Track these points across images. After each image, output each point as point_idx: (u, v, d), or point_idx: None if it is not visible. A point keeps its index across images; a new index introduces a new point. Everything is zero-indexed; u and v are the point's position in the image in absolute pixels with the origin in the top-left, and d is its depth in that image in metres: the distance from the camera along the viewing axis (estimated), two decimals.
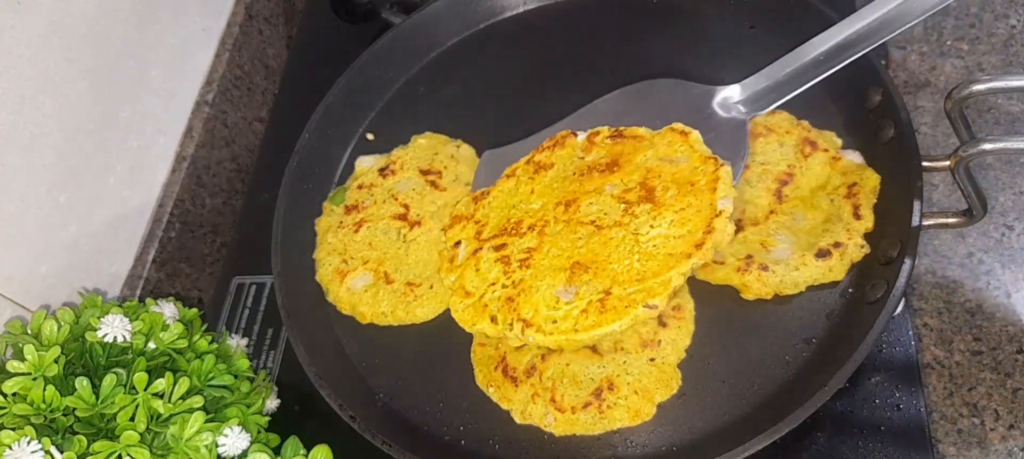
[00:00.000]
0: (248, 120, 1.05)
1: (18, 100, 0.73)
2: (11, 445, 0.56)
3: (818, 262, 0.70)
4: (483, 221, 0.78)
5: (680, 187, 0.71)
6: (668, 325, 0.71)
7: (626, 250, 0.69)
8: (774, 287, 0.70)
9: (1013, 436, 0.67)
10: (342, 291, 0.81)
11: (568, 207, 0.74)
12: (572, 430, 0.69)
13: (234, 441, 0.62)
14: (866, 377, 0.70)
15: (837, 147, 0.76)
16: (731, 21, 0.89)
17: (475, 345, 0.75)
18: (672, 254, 0.67)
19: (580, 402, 0.69)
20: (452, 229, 0.80)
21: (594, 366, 0.70)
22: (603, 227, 0.72)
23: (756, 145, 0.77)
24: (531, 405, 0.70)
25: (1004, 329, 0.72)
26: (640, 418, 0.68)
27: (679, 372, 0.69)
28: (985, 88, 0.65)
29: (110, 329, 0.65)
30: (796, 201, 0.74)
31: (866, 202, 0.72)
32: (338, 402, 0.71)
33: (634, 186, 0.73)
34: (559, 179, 0.78)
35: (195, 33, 0.99)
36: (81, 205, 0.81)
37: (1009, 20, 0.89)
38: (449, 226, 0.80)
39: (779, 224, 0.73)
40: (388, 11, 1.02)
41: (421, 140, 0.90)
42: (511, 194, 0.79)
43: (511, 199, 0.79)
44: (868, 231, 0.71)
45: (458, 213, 0.81)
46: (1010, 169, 0.80)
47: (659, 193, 0.71)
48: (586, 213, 0.73)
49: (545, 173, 0.79)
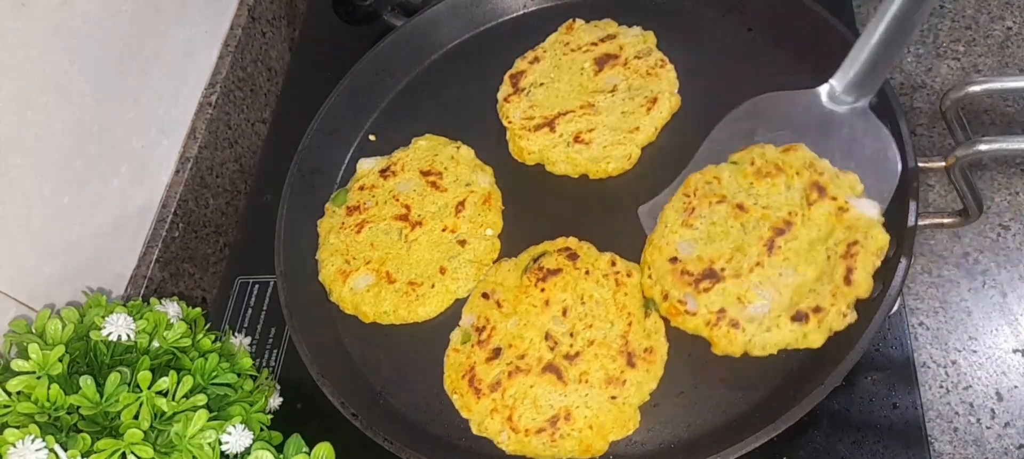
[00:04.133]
0: (251, 121, 1.06)
1: (22, 102, 0.73)
2: (16, 443, 0.56)
3: (793, 326, 0.65)
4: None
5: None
6: (636, 366, 0.70)
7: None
8: (742, 346, 0.66)
9: (1008, 434, 0.68)
10: (345, 291, 0.81)
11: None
12: (523, 451, 0.69)
13: (237, 439, 0.62)
14: (862, 376, 0.70)
15: (855, 193, 0.69)
16: (730, 23, 0.89)
17: (450, 349, 0.76)
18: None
19: (535, 426, 0.69)
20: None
21: (556, 393, 0.70)
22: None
23: (762, 186, 0.73)
24: (489, 419, 0.71)
25: (999, 329, 0.72)
26: (590, 453, 0.68)
27: (639, 414, 0.69)
28: (981, 89, 0.65)
29: (114, 328, 0.65)
30: (789, 253, 0.68)
31: (863, 265, 0.65)
32: (340, 400, 0.72)
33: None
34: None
35: (198, 35, 0.99)
36: (85, 206, 0.81)
37: (1005, 22, 0.90)
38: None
39: (763, 277, 0.68)
40: (389, 13, 1.03)
41: (421, 142, 0.91)
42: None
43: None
44: (860, 299, 0.65)
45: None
46: (1005, 170, 0.80)
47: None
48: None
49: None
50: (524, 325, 0.74)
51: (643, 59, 0.88)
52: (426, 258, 0.82)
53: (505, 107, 0.89)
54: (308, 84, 1.09)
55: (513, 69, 0.92)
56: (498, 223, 0.84)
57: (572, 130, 0.85)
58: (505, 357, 0.73)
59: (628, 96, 0.86)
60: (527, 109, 0.88)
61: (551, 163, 0.85)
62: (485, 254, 0.81)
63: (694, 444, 0.67)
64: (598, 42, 0.91)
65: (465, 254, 0.81)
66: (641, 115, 0.84)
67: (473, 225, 0.83)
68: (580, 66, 0.89)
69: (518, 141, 0.86)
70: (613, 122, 0.84)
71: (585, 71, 0.89)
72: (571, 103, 0.87)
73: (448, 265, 0.81)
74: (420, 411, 0.74)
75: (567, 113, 0.86)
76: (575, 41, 0.92)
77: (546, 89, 0.89)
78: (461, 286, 0.80)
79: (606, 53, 0.89)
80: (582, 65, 0.89)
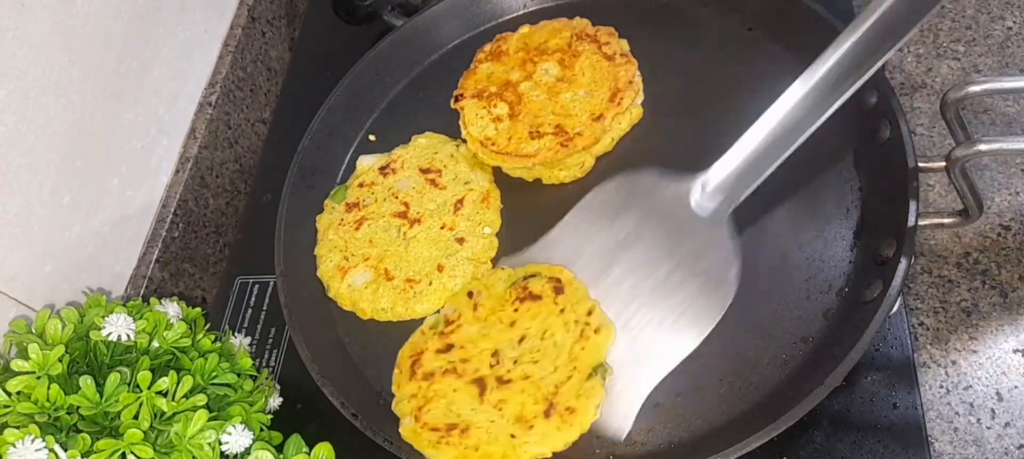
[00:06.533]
0: (251, 121, 1.06)
1: (22, 101, 0.73)
2: (15, 443, 0.56)
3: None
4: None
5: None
6: (551, 418, 0.68)
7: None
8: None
9: (1009, 434, 0.68)
10: (343, 287, 0.82)
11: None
12: (411, 440, 0.69)
13: (237, 439, 0.62)
14: (863, 376, 0.70)
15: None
16: (730, 23, 0.89)
17: (420, 329, 0.77)
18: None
19: (433, 424, 0.69)
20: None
21: (469, 406, 0.70)
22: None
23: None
24: (406, 402, 0.72)
25: (1000, 328, 0.72)
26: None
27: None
28: (981, 89, 0.65)
29: (114, 328, 0.65)
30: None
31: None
32: (340, 400, 0.72)
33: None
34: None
35: (198, 35, 0.99)
36: (85, 205, 0.81)
37: (1005, 22, 0.90)
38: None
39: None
40: (390, 13, 1.03)
41: (421, 140, 0.91)
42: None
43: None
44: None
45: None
46: (1006, 170, 0.80)
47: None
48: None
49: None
50: (484, 335, 0.75)
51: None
52: (424, 255, 0.82)
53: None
54: (308, 84, 1.09)
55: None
56: (496, 221, 0.84)
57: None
58: (451, 355, 0.74)
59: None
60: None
61: (511, 169, 0.86)
62: (483, 252, 0.82)
63: (694, 444, 0.67)
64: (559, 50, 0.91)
65: (463, 252, 0.82)
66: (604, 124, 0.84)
67: (471, 223, 0.83)
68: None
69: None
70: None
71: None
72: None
73: (446, 263, 0.81)
74: None
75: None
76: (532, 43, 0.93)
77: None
78: (458, 283, 0.80)
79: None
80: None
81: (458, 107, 0.89)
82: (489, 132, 0.86)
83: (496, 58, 0.92)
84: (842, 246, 0.72)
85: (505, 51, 0.92)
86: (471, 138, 0.87)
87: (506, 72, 0.90)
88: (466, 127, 0.87)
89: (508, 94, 0.88)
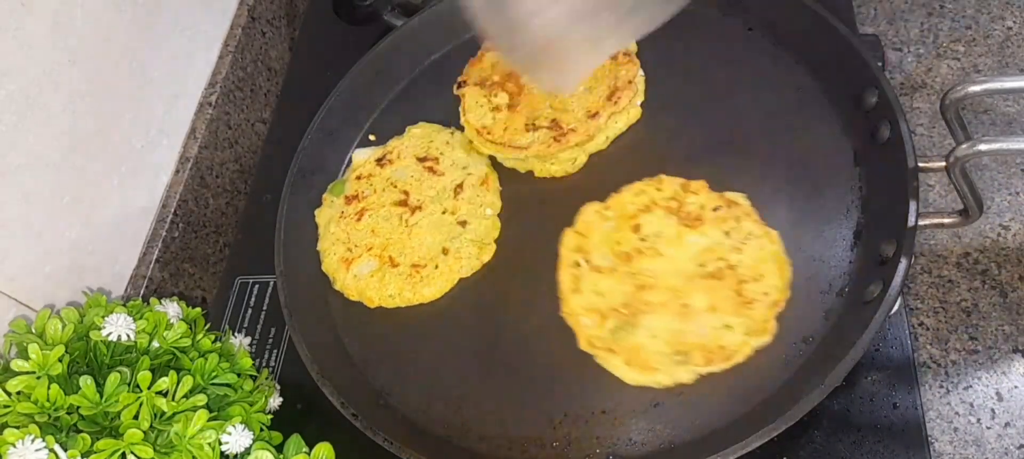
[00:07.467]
0: (251, 121, 1.06)
1: (22, 101, 0.73)
2: (15, 443, 0.56)
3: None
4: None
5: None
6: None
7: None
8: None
9: (1009, 434, 0.68)
10: (349, 278, 0.82)
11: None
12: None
13: (237, 439, 0.62)
14: (863, 376, 0.70)
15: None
16: (730, 23, 0.89)
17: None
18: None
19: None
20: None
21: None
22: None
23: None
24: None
25: (1000, 328, 0.72)
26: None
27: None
28: (981, 89, 0.65)
29: (114, 328, 0.65)
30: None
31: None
32: (340, 400, 0.72)
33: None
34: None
35: (198, 35, 0.99)
36: (85, 205, 0.81)
37: (1005, 22, 0.90)
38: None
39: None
40: (390, 13, 1.03)
41: (415, 129, 0.92)
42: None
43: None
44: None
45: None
46: (1006, 170, 0.80)
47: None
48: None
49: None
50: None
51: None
52: (428, 241, 0.83)
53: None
54: (308, 84, 1.09)
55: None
56: (497, 203, 0.85)
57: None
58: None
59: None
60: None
61: (504, 160, 0.87)
62: (487, 233, 0.82)
63: (694, 444, 0.67)
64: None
65: (467, 234, 0.82)
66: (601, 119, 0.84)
67: (473, 206, 0.84)
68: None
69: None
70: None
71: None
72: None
73: (450, 246, 0.82)
74: (420, 411, 0.74)
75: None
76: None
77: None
78: (465, 265, 0.81)
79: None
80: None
81: (460, 93, 0.90)
82: (486, 121, 0.87)
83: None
84: (842, 246, 0.72)
85: None
86: (469, 125, 0.87)
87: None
88: (465, 113, 0.88)
89: (510, 84, 0.89)
